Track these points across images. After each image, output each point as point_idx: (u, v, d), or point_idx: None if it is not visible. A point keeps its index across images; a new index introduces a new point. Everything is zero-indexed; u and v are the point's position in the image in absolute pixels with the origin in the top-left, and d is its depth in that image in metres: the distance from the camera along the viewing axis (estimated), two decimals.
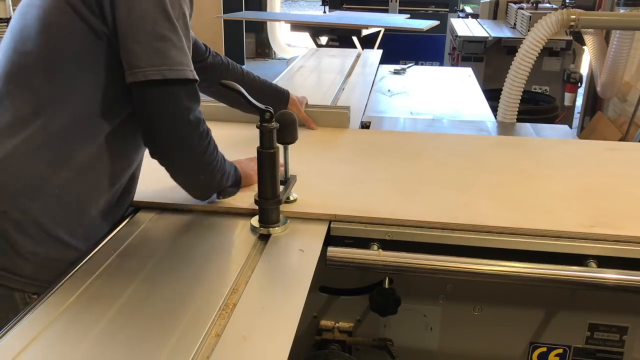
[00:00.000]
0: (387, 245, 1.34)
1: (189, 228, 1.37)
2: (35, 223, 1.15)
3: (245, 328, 0.98)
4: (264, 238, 1.30)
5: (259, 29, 9.45)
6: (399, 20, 5.58)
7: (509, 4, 5.48)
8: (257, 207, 1.32)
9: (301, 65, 3.41)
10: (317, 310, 1.48)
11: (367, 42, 5.13)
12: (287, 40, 9.78)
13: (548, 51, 4.45)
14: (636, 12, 3.64)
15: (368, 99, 2.65)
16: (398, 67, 3.37)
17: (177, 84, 1.17)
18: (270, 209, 1.31)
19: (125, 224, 1.36)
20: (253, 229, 1.33)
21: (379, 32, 5.33)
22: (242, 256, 1.22)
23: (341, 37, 5.42)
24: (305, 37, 5.81)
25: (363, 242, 1.35)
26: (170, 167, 1.29)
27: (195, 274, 1.16)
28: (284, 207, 1.36)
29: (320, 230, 1.34)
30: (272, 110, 1.24)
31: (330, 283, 1.46)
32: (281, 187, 1.33)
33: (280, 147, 1.30)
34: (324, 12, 7.30)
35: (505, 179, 1.65)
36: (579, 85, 4.60)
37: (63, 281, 1.11)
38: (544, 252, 1.31)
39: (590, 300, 1.40)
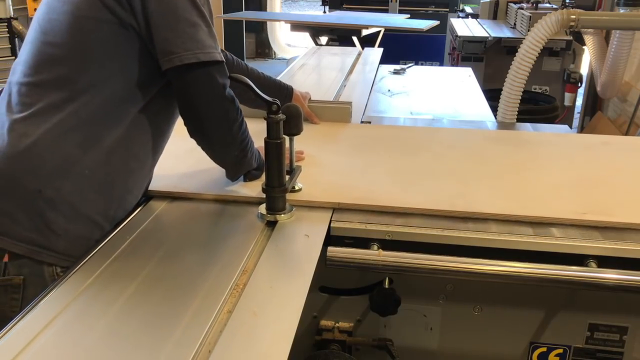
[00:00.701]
0: (387, 245, 1.34)
1: (200, 215, 1.43)
2: (67, 202, 1.23)
3: (256, 305, 1.04)
4: (271, 225, 1.36)
5: (259, 29, 9.46)
6: (399, 20, 5.57)
7: (509, 4, 5.48)
8: (264, 196, 1.38)
9: (303, 63, 3.45)
10: (317, 310, 1.48)
11: (367, 42, 5.12)
12: (287, 40, 9.78)
13: (548, 51, 4.45)
14: (636, 12, 3.64)
15: (368, 99, 2.65)
16: (398, 67, 3.36)
17: (210, 65, 1.27)
18: (276, 196, 1.37)
19: (139, 210, 1.43)
20: (260, 216, 1.39)
21: (379, 32, 5.33)
22: (251, 241, 1.29)
23: (341, 37, 5.41)
24: (305, 37, 5.80)
25: (363, 242, 1.35)
26: (209, 142, 1.39)
27: (207, 256, 1.23)
28: (289, 196, 1.41)
29: (325, 217, 1.40)
30: (279, 103, 1.31)
31: (330, 283, 1.46)
32: (287, 177, 1.39)
33: (286, 138, 1.36)
34: (324, 12, 7.29)
35: (501, 170, 1.71)
36: (579, 85, 4.59)
37: (83, 262, 1.20)
38: (544, 252, 1.31)
39: (590, 300, 1.40)
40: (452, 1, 7.15)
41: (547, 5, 5.03)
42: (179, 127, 1.40)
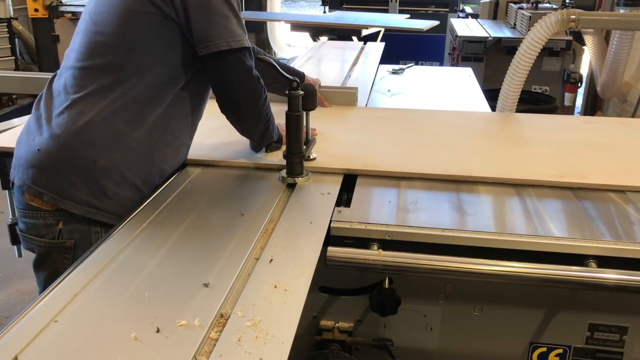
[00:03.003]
0: (387, 245, 1.34)
1: (230, 179, 1.67)
2: (117, 170, 1.46)
3: (281, 244, 1.27)
4: (291, 187, 1.59)
5: (259, 29, 9.44)
6: (399, 20, 5.57)
7: (509, 4, 5.47)
8: (284, 163, 1.61)
9: (310, 56, 3.62)
10: (317, 310, 1.48)
11: (367, 42, 5.12)
12: (287, 40, 9.77)
13: (548, 51, 4.44)
14: (636, 12, 3.64)
15: (368, 99, 2.66)
16: (396, 67, 3.36)
17: (240, 50, 1.49)
18: (295, 162, 1.60)
19: (177, 175, 1.66)
20: (282, 179, 1.62)
21: (379, 32, 5.33)
22: (275, 198, 1.51)
23: (341, 37, 5.41)
24: (305, 37, 5.80)
25: (363, 242, 1.35)
26: (238, 116, 1.62)
27: (238, 210, 1.44)
28: (305, 164, 1.63)
29: (337, 180, 1.63)
30: (298, 80, 1.54)
31: (330, 283, 1.46)
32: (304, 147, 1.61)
33: (303, 113, 1.57)
34: (324, 12, 7.28)
35: (491, 144, 1.98)
36: (579, 85, 4.59)
37: (133, 214, 1.41)
38: (544, 252, 1.31)
39: (590, 300, 1.40)
40: (452, 1, 7.14)
41: (547, 5, 5.03)
42: (208, 109, 1.68)
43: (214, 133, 1.88)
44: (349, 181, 1.64)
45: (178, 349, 0.93)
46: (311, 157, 1.72)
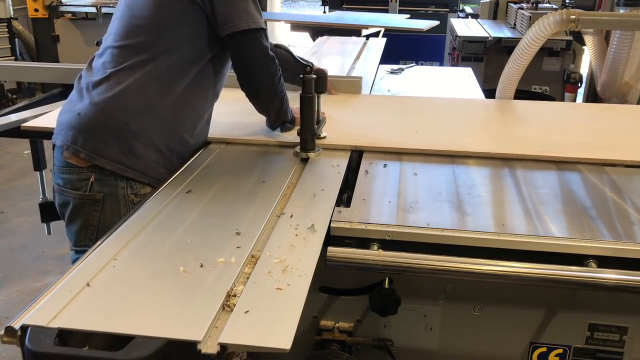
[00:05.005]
0: (387, 245, 1.35)
1: (250, 154, 1.87)
2: (145, 133, 1.66)
3: (298, 205, 1.46)
4: (304, 161, 1.79)
5: None
6: (399, 21, 5.57)
7: (509, 4, 5.47)
8: (298, 140, 1.81)
9: (315, 50, 3.83)
10: (317, 310, 1.48)
11: (369, 37, 5.12)
12: (287, 40, 9.77)
13: (548, 51, 4.43)
14: (636, 12, 3.64)
15: (371, 89, 2.80)
16: (395, 67, 3.36)
17: (257, 31, 1.71)
18: (308, 139, 1.79)
19: (203, 151, 1.86)
20: (296, 154, 1.82)
21: (379, 32, 5.33)
22: (291, 169, 1.71)
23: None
24: (305, 37, 5.80)
25: (363, 242, 1.35)
26: (256, 90, 1.82)
27: (260, 178, 1.64)
28: (316, 142, 1.83)
29: (345, 155, 1.84)
30: (312, 65, 1.77)
31: (330, 283, 1.46)
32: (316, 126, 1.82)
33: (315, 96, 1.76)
34: (324, 12, 7.29)
35: (484, 125, 2.21)
36: (579, 85, 4.59)
37: (167, 183, 1.61)
38: (544, 252, 1.31)
39: (590, 300, 1.40)
40: (452, 1, 7.14)
41: (547, 5, 5.02)
42: (229, 96, 1.98)
43: (234, 116, 2.12)
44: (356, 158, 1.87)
45: (220, 278, 1.13)
46: (321, 135, 1.91)
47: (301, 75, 1.73)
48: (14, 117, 2.21)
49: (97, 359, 0.93)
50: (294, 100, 1.87)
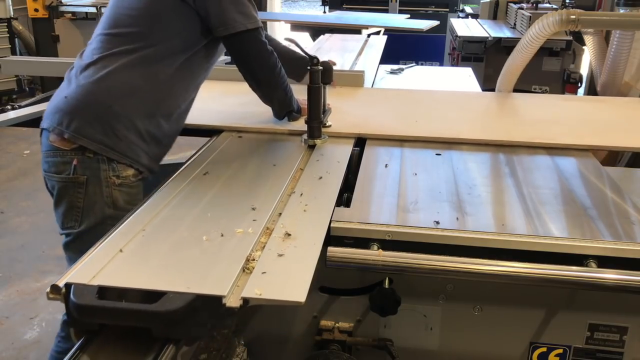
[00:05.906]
0: (387, 245, 1.35)
1: (261, 141, 1.99)
2: (127, 116, 1.70)
3: (306, 187, 1.58)
4: (312, 147, 1.90)
5: None
6: (399, 21, 5.57)
7: (509, 4, 5.47)
8: (305, 129, 1.93)
9: (319, 47, 3.92)
10: (317, 310, 1.48)
11: (370, 35, 5.12)
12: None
13: (548, 51, 4.44)
14: (636, 12, 3.64)
15: (373, 83, 2.86)
16: (395, 67, 3.36)
17: (254, 30, 1.79)
18: (315, 127, 1.91)
19: (216, 138, 2.00)
20: (304, 141, 1.93)
21: (379, 32, 5.33)
22: (299, 155, 1.83)
23: None
24: (305, 37, 5.80)
25: (363, 242, 1.35)
26: (259, 83, 1.92)
27: (270, 162, 1.77)
28: (323, 130, 1.95)
29: (349, 142, 1.95)
30: (319, 57, 1.86)
31: (330, 283, 1.46)
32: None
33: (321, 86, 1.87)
34: (324, 12, 7.29)
35: (480, 115, 2.34)
36: (579, 85, 4.59)
37: (183, 168, 1.71)
38: (544, 252, 1.31)
39: (590, 300, 1.40)
40: (452, 1, 7.14)
41: (547, 5, 5.02)
42: (238, 88, 2.19)
43: (245, 106, 2.24)
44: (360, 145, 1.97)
45: (239, 245, 1.25)
46: (327, 124, 2.02)
47: (308, 67, 1.84)
48: (40, 108, 2.23)
49: (134, 311, 1.03)
50: (301, 92, 1.99)
